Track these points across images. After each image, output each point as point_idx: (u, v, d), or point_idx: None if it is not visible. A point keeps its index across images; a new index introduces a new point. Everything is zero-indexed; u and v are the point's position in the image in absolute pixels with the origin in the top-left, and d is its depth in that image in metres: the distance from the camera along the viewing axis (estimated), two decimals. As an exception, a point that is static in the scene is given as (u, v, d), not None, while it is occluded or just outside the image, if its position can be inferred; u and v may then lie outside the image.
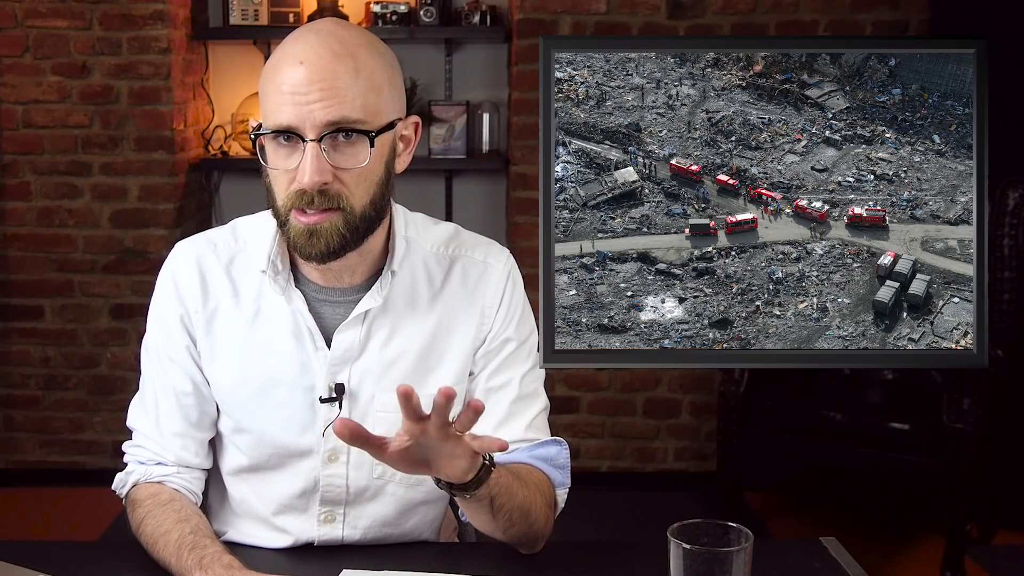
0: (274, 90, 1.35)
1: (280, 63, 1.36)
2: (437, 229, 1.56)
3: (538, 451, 1.51)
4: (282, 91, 1.34)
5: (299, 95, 1.33)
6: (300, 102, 1.33)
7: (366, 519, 1.54)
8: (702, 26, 3.76)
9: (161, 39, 3.77)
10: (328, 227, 1.37)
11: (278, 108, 1.34)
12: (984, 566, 3.27)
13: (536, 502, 1.43)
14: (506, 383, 1.52)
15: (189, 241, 1.55)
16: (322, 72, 1.33)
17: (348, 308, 1.48)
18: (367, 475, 1.51)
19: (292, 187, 1.36)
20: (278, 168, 1.37)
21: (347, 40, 1.37)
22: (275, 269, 1.47)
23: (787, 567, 1.45)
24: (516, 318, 1.54)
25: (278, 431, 1.49)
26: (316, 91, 1.33)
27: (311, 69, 1.33)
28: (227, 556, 1.35)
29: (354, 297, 1.48)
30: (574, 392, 3.92)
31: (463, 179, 4.18)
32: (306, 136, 1.33)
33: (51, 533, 3.56)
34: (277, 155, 1.37)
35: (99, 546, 2.24)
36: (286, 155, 1.36)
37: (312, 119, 1.33)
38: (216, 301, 1.50)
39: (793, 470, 3.33)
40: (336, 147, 1.35)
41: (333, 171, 1.35)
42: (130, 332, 3.87)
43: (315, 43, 1.35)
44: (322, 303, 1.49)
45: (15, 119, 3.83)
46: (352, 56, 1.35)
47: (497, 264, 1.55)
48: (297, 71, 1.33)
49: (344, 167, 1.36)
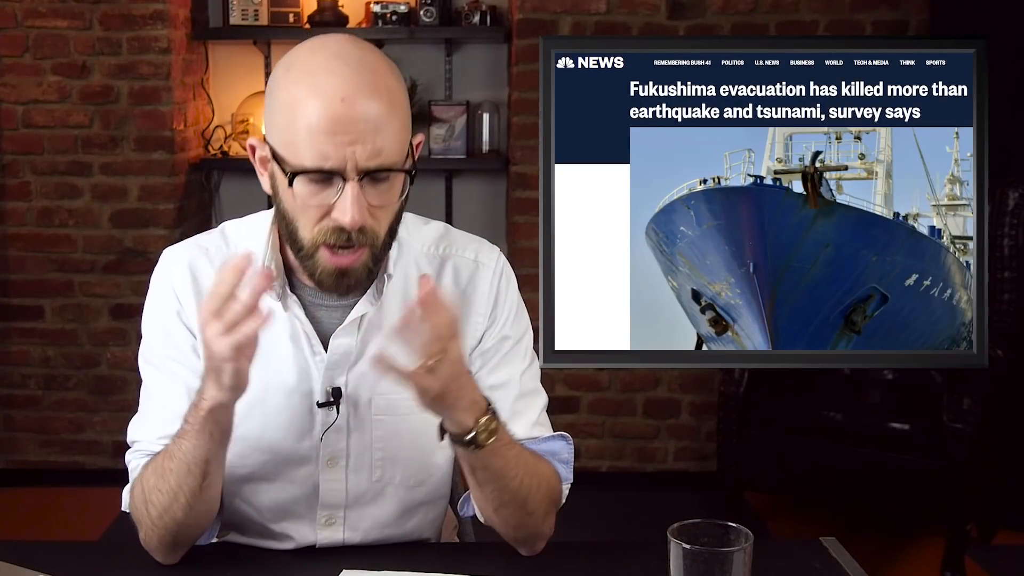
0: (307, 126, 1.30)
1: (313, 97, 1.30)
2: (427, 229, 1.56)
3: (544, 446, 1.51)
4: (320, 129, 1.29)
5: (340, 135, 1.29)
6: (342, 143, 1.29)
7: (367, 522, 1.53)
8: (702, 26, 3.76)
9: (161, 39, 3.77)
10: (359, 267, 1.36)
11: (313, 143, 1.30)
12: (984, 566, 3.27)
13: (537, 493, 1.43)
14: (506, 381, 1.52)
15: (179, 247, 1.54)
16: (365, 109, 1.30)
17: (344, 312, 1.47)
18: (366, 479, 1.51)
19: (324, 223, 1.34)
20: (310, 202, 1.34)
21: (378, 69, 1.34)
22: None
23: (787, 567, 1.45)
24: (511, 315, 1.53)
25: (276, 437, 1.48)
26: (359, 131, 1.29)
27: (351, 105, 1.29)
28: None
29: (349, 301, 1.48)
30: (574, 392, 3.92)
31: (463, 179, 4.18)
32: (348, 177, 1.31)
33: (51, 533, 3.55)
34: (305, 188, 1.33)
35: (99, 546, 2.24)
36: (319, 191, 1.33)
37: (354, 160, 1.30)
38: None
39: (793, 470, 3.33)
40: (374, 185, 1.33)
41: (369, 208, 1.34)
42: (130, 332, 3.87)
43: (350, 76, 1.31)
44: (318, 308, 1.48)
45: (15, 119, 3.82)
46: (387, 88, 1.33)
47: (488, 262, 1.54)
48: (338, 108, 1.29)
49: (379, 204, 1.34)
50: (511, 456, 1.40)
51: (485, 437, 1.34)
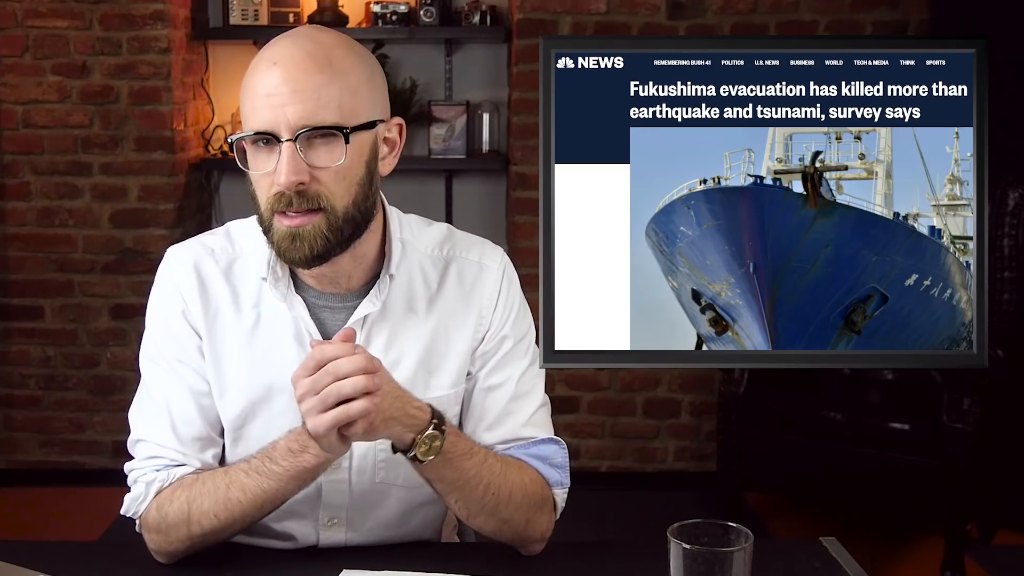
0: (250, 95, 1.36)
1: (256, 68, 1.37)
2: (431, 230, 1.56)
3: (533, 449, 1.51)
4: (257, 94, 1.35)
5: (273, 96, 1.34)
6: (275, 104, 1.33)
7: (369, 522, 1.53)
8: (702, 26, 3.76)
9: (161, 39, 3.77)
10: (311, 230, 1.36)
11: (254, 112, 1.35)
12: (984, 566, 3.27)
13: (509, 500, 1.43)
14: (503, 381, 1.52)
15: (183, 246, 1.54)
16: (295, 73, 1.34)
17: (347, 314, 1.47)
18: (369, 480, 1.51)
19: (272, 190, 1.36)
20: (258, 171, 1.37)
21: (323, 42, 1.37)
22: (275, 275, 1.46)
23: (787, 567, 1.45)
24: (513, 316, 1.54)
25: (279, 437, 1.48)
26: (289, 91, 1.33)
27: (284, 69, 1.34)
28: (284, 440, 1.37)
29: (352, 303, 1.48)
30: (574, 392, 3.92)
31: (463, 179, 4.18)
32: (281, 137, 1.34)
33: (51, 533, 3.56)
34: (256, 159, 1.38)
35: (99, 546, 2.24)
36: (265, 158, 1.36)
37: (286, 120, 1.33)
38: (216, 306, 1.49)
39: (793, 470, 3.34)
40: (312, 147, 1.35)
41: (310, 171, 1.35)
42: (130, 332, 3.87)
43: (288, 45, 1.36)
44: (322, 309, 1.48)
45: (15, 119, 3.83)
46: (327, 56, 1.36)
47: (492, 264, 1.55)
48: (271, 73, 1.34)
49: (320, 166, 1.35)
50: (469, 467, 1.40)
51: (424, 451, 1.35)
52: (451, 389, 1.50)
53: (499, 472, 1.44)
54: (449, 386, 1.50)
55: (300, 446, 1.34)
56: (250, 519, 1.41)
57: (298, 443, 1.35)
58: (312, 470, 1.36)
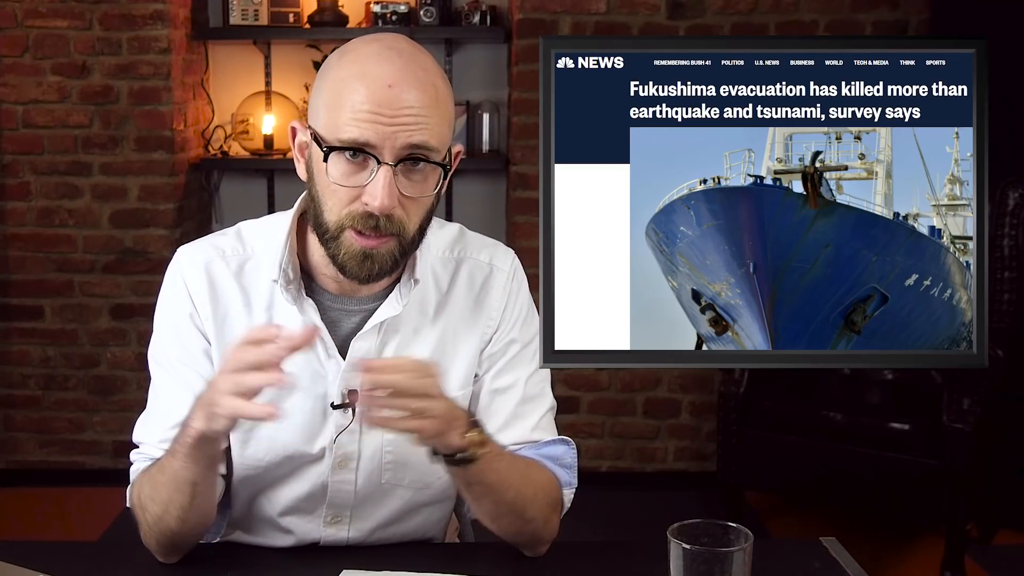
0: (351, 106, 1.32)
1: (361, 79, 1.33)
2: (443, 232, 1.55)
3: (544, 450, 1.51)
4: (363, 108, 1.32)
5: (383, 116, 1.31)
6: (384, 123, 1.31)
7: (372, 521, 1.53)
8: (702, 26, 3.76)
9: (161, 39, 3.77)
10: (384, 252, 1.36)
11: (356, 124, 1.32)
12: (984, 566, 3.27)
13: (534, 500, 1.43)
14: (511, 384, 1.52)
15: (194, 245, 1.52)
16: (411, 98, 1.32)
17: (363, 316, 1.47)
18: (375, 480, 1.51)
19: (354, 206, 1.35)
20: (341, 183, 1.35)
21: (428, 68, 1.36)
22: (287, 279, 1.44)
23: (787, 567, 1.45)
24: (521, 319, 1.53)
25: (289, 438, 1.47)
26: (402, 115, 1.32)
27: (400, 92, 1.32)
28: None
29: (367, 306, 1.47)
30: (574, 392, 3.92)
31: (463, 179, 4.18)
32: (383, 158, 1.32)
33: (51, 533, 3.56)
34: (338, 167, 1.35)
35: (99, 546, 2.24)
36: (353, 172, 1.34)
37: (393, 142, 1.32)
38: (226, 308, 1.47)
39: (793, 470, 3.34)
40: (408, 174, 1.35)
41: (400, 197, 1.35)
42: (130, 332, 3.87)
43: (401, 66, 1.34)
44: (336, 312, 1.47)
45: (15, 119, 3.83)
46: (434, 85, 1.35)
47: (503, 266, 1.55)
48: (384, 92, 1.32)
49: (411, 195, 1.35)
50: (502, 467, 1.40)
51: (477, 450, 1.34)
52: (459, 391, 1.50)
53: (524, 472, 1.44)
54: (457, 388, 1.50)
55: (187, 419, 1.32)
56: (178, 504, 1.36)
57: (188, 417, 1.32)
58: (197, 444, 1.31)
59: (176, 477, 1.35)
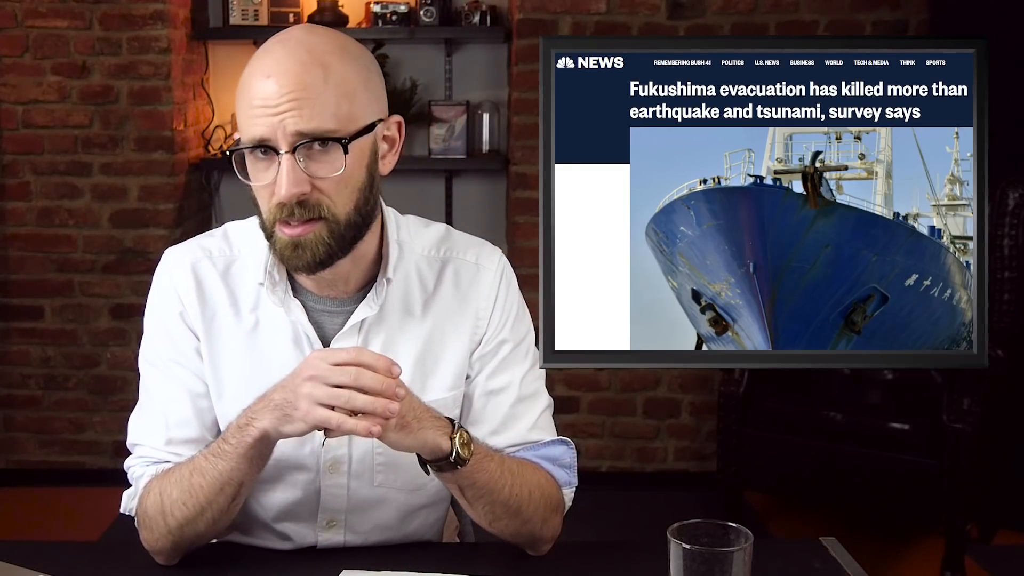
0: (245, 105, 1.35)
1: (250, 78, 1.35)
2: (428, 231, 1.55)
3: (543, 451, 1.51)
4: (253, 105, 1.33)
5: (269, 108, 1.32)
6: (270, 114, 1.32)
7: (367, 524, 1.53)
8: (702, 26, 3.76)
9: (161, 39, 3.77)
10: (312, 238, 1.36)
11: (250, 122, 1.34)
12: (984, 566, 3.27)
13: (529, 500, 1.43)
14: (505, 385, 1.52)
15: (181, 247, 1.53)
16: (290, 84, 1.32)
17: (345, 317, 1.47)
18: (367, 484, 1.51)
19: (273, 200, 1.35)
20: (258, 183, 1.37)
21: (316, 48, 1.36)
22: (272, 280, 1.45)
23: (787, 567, 1.45)
24: (511, 319, 1.53)
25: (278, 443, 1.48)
26: (285, 103, 1.32)
27: (279, 81, 1.32)
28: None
29: (350, 307, 1.47)
30: (574, 392, 3.92)
31: (463, 179, 4.18)
32: (279, 148, 1.33)
33: (51, 533, 3.55)
34: (256, 169, 1.37)
35: (99, 546, 2.24)
36: (264, 168, 1.36)
37: (283, 131, 1.32)
38: (213, 308, 1.48)
39: (793, 470, 3.33)
40: (311, 156, 1.34)
41: (311, 181, 1.34)
42: (130, 332, 3.87)
43: (281, 55, 1.35)
44: (320, 312, 1.48)
45: (15, 119, 3.82)
46: (321, 64, 1.34)
47: (490, 265, 1.54)
48: (266, 84, 1.33)
49: (321, 176, 1.35)
50: (492, 467, 1.40)
51: (466, 452, 1.35)
52: (448, 392, 1.50)
53: (517, 472, 1.44)
54: (446, 389, 1.50)
55: (247, 419, 1.33)
56: (217, 506, 1.38)
57: (245, 417, 1.34)
58: (255, 444, 1.33)
59: (222, 478, 1.36)
